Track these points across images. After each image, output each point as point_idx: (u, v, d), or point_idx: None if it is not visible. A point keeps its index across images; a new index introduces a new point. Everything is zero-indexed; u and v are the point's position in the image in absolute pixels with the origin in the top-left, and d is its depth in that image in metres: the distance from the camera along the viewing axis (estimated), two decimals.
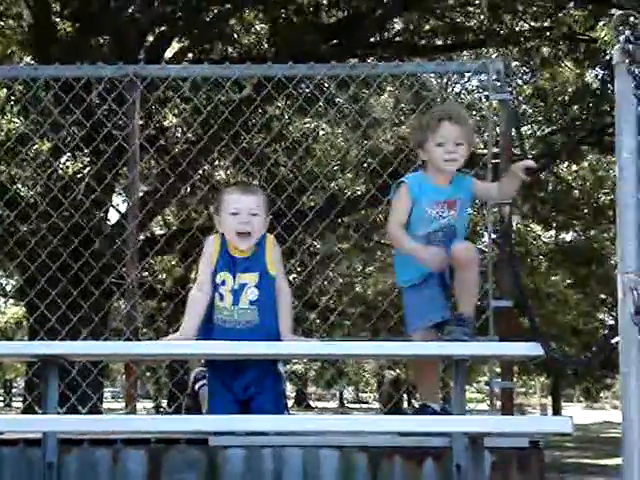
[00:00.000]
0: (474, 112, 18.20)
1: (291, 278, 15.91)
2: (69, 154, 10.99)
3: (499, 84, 5.31)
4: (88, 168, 10.59)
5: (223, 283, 4.45)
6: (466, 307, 4.25)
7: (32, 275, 6.11)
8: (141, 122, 6.89)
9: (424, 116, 4.58)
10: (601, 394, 55.01)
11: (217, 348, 4.18)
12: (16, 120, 12.09)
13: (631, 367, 2.92)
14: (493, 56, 14.12)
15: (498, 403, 5.31)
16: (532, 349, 3.88)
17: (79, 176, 10.84)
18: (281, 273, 4.53)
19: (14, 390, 53.03)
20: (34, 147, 10.26)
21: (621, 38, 2.72)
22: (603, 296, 25.10)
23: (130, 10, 12.37)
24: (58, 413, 4.45)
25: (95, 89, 6.00)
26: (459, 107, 4.68)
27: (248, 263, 4.47)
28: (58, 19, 12.75)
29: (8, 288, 20.04)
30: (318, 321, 15.96)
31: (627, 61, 2.71)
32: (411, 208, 4.42)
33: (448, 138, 4.36)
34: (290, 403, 50.17)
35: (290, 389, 52.85)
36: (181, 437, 4.53)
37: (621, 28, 2.82)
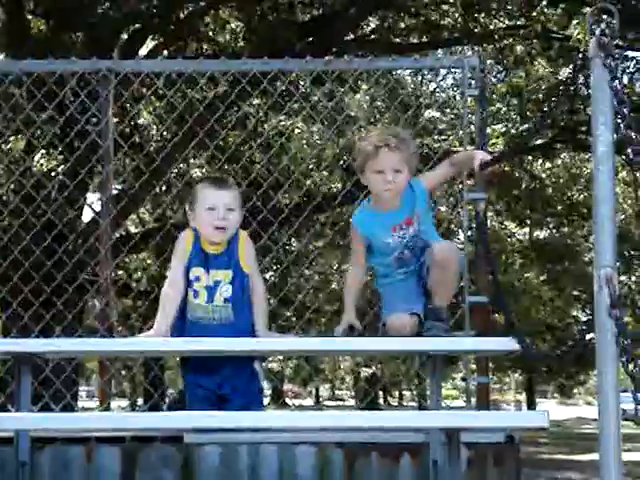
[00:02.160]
0: (448, 110, 18.27)
1: (267, 275, 15.90)
2: (43, 151, 10.90)
3: (474, 81, 5.31)
4: (62, 165, 10.51)
5: (197, 279, 4.42)
6: (442, 302, 4.22)
7: (4, 272, 6.05)
8: (115, 119, 6.85)
9: (364, 141, 4.40)
10: (575, 390, 55.43)
11: (192, 345, 4.15)
12: None
13: (607, 361, 2.92)
14: (468, 54, 14.18)
15: (473, 399, 5.32)
16: (508, 344, 3.88)
17: (53, 173, 10.75)
18: (255, 270, 4.50)
19: None
20: (7, 144, 10.18)
21: (597, 31, 2.72)
22: (576, 292, 25.29)
23: (103, 7, 12.29)
24: (31, 411, 4.40)
25: (68, 85, 5.93)
26: (400, 131, 4.51)
27: (221, 259, 4.44)
28: (31, 16, 12.65)
29: None
30: (294, 318, 15.97)
31: (602, 54, 2.71)
32: (369, 244, 4.37)
33: (386, 166, 4.23)
34: (266, 401, 50.13)
35: (266, 387, 52.80)
36: (156, 435, 4.51)
37: (596, 21, 2.82)
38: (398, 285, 4.34)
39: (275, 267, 15.18)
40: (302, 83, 11.40)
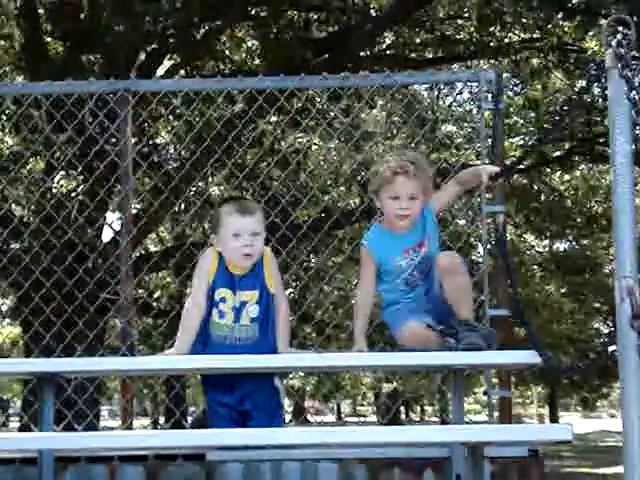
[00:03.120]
0: (465, 124, 18.27)
1: (286, 292, 15.90)
2: (62, 172, 10.98)
3: (491, 94, 5.32)
4: (81, 186, 10.57)
5: (223, 300, 4.41)
6: (466, 312, 4.13)
7: (26, 293, 6.09)
8: (134, 139, 6.89)
9: (381, 165, 4.39)
10: (598, 403, 55.02)
11: (213, 362, 4.15)
12: (8, 139, 12.08)
13: (630, 372, 2.91)
14: (484, 67, 14.19)
15: (496, 413, 5.29)
16: (529, 357, 3.87)
17: (72, 194, 10.82)
18: (280, 288, 4.50)
19: (10, 411, 52.81)
20: (27, 166, 10.25)
21: (613, 42, 2.72)
22: (597, 305, 25.14)
23: (120, 28, 12.37)
24: (54, 431, 4.42)
25: (86, 105, 5.98)
26: (417, 156, 4.46)
27: (248, 280, 4.43)
28: (49, 38, 12.76)
29: (3, 308, 19.97)
30: (314, 334, 15.95)
31: (619, 65, 2.71)
32: (379, 266, 4.35)
33: (402, 193, 4.24)
34: (288, 417, 50.00)
35: (287, 403, 52.71)
36: (178, 453, 4.51)
37: (612, 33, 2.82)
38: (405, 307, 4.30)
39: (295, 283, 15.18)
40: (318, 100, 11.43)
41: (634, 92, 2.81)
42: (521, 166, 16.41)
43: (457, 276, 4.11)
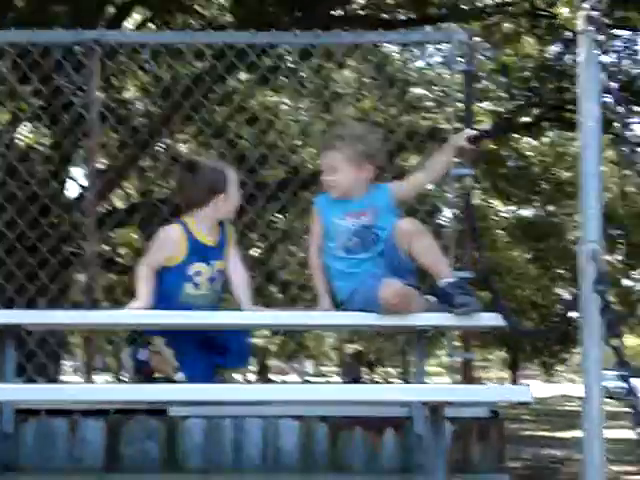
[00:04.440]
0: (435, 87, 18.22)
1: (253, 252, 15.87)
2: (27, 124, 10.83)
3: (462, 56, 5.30)
4: (47, 139, 10.44)
5: (198, 273, 4.43)
6: (447, 271, 4.07)
7: None
8: (101, 93, 6.80)
9: None
10: (558, 368, 55.73)
11: (180, 318, 4.14)
12: None
13: (592, 337, 2.93)
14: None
15: (457, 376, 5.34)
16: (494, 320, 3.89)
17: (37, 147, 10.69)
18: (238, 251, 4.58)
19: None
20: None
21: (586, 5, 2.71)
22: (561, 271, 25.38)
23: None
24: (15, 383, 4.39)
25: (53, 56, 5.87)
26: (348, 129, 4.44)
27: (218, 250, 4.47)
28: None
29: None
30: (279, 295, 15.94)
31: (592, 28, 2.70)
32: (324, 227, 4.33)
33: (324, 167, 4.32)
34: (251, 377, 50.22)
35: (251, 362, 52.85)
36: (139, 407, 4.51)
37: None
38: (358, 267, 4.23)
39: (261, 243, 15.14)
40: (289, 58, 11.33)
41: (605, 56, 2.80)
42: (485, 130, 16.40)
43: (425, 236, 4.07)
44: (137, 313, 4.26)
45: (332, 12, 14.14)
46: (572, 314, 3.70)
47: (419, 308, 4.01)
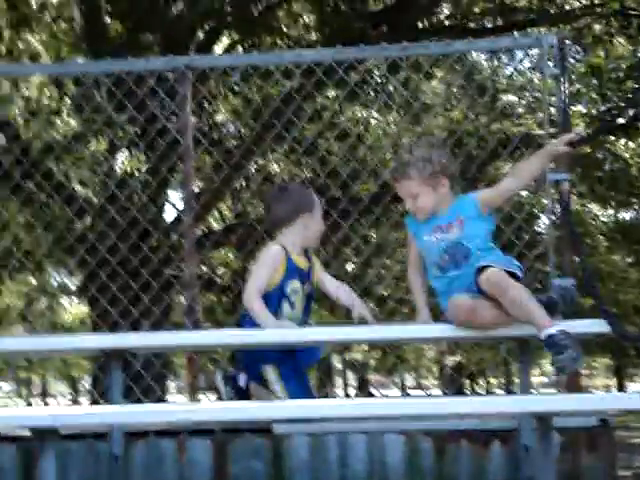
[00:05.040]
0: (526, 93, 18.00)
1: (348, 267, 15.88)
2: (124, 151, 11.09)
3: (552, 60, 5.22)
4: (143, 164, 10.67)
5: (295, 292, 4.55)
6: (536, 321, 3.87)
7: (93, 271, 6.17)
8: (194, 117, 6.93)
9: None
10: None
11: (282, 336, 4.20)
12: (70, 120, 12.21)
13: None
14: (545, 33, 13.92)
15: (562, 385, 5.24)
16: (598, 326, 3.82)
17: (135, 173, 10.93)
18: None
19: (80, 389, 53.78)
20: (90, 146, 10.36)
21: None
22: None
23: (178, 6, 12.41)
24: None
25: (146, 84, 6.00)
26: (410, 154, 4.38)
27: (307, 275, 4.62)
28: (108, 19, 12.85)
29: (72, 287, 20.27)
30: (376, 309, 15.92)
31: None
32: (418, 244, 4.34)
33: (403, 195, 4.31)
34: (352, 391, 50.24)
35: (352, 377, 52.92)
36: (245, 427, 4.55)
37: None
38: (449, 286, 4.18)
39: (355, 258, 15.15)
40: (377, 72, 11.34)
41: None
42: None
43: (504, 294, 3.90)
44: (238, 333, 4.32)
45: (418, 24, 14.11)
46: None
47: (495, 316, 3.95)
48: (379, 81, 11.17)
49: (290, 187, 4.82)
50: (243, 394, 4.55)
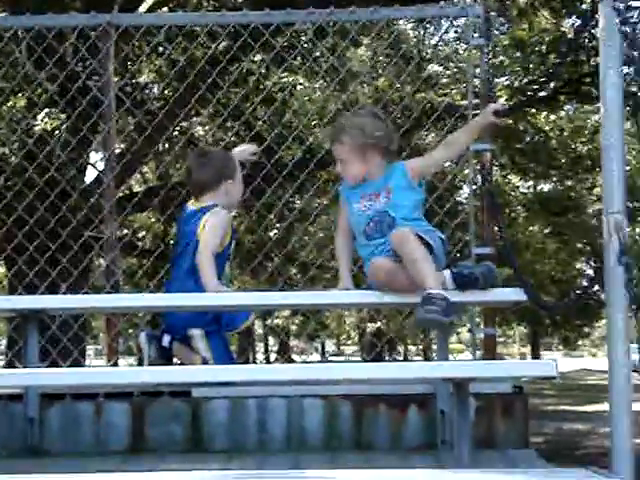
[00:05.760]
0: (451, 63, 18.12)
1: (271, 233, 15.89)
2: (44, 109, 10.84)
3: (477, 31, 5.26)
4: (64, 124, 10.45)
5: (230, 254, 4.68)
6: (427, 280, 3.88)
7: (9, 230, 6.04)
8: (116, 77, 6.80)
9: None
10: (579, 342, 55.68)
11: (205, 300, 4.18)
12: None
13: (616, 309, 2.91)
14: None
15: (479, 352, 5.33)
16: (516, 295, 3.88)
17: (55, 132, 10.69)
18: None
19: None
20: (8, 102, 10.10)
21: None
22: (581, 245, 25.28)
23: None
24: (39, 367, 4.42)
25: (68, 40, 5.87)
26: (349, 120, 4.43)
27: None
28: None
29: None
30: (298, 275, 15.96)
31: None
32: (348, 212, 4.36)
33: (336, 158, 4.34)
34: (273, 357, 50.43)
35: (272, 342, 53.07)
36: (164, 390, 4.53)
37: None
38: (373, 254, 4.19)
39: (279, 224, 15.16)
40: (304, 38, 11.28)
41: (626, 26, 2.76)
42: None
43: (406, 254, 3.94)
44: (157, 296, 4.29)
45: None
46: (593, 287, 3.68)
47: (412, 280, 3.98)
48: (306, 46, 11.10)
49: (211, 153, 4.81)
50: (166, 353, 4.53)
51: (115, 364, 5.57)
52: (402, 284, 4.01)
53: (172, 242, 14.16)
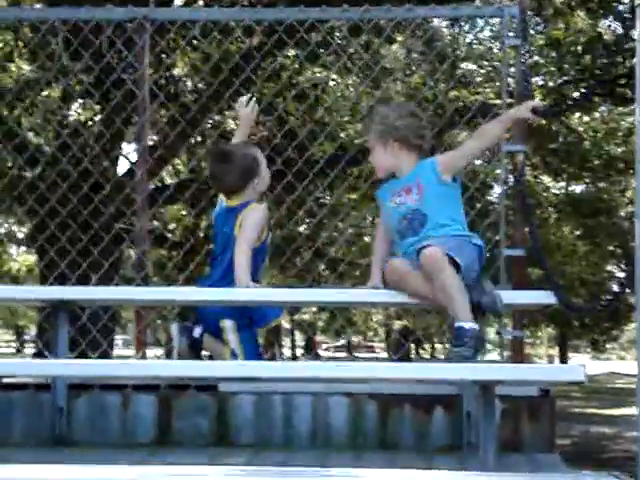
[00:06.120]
0: (486, 62, 18.03)
1: (301, 228, 15.89)
2: (79, 100, 10.92)
3: (513, 31, 5.22)
4: (98, 115, 10.52)
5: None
6: (455, 313, 3.90)
7: (42, 221, 6.09)
8: (151, 70, 6.83)
9: None
10: (608, 345, 55.26)
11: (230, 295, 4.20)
12: (24, 66, 11.99)
13: None
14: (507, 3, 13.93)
15: (506, 353, 5.30)
16: (546, 297, 3.86)
17: (89, 123, 10.77)
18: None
19: (26, 337, 53.41)
20: (43, 93, 10.18)
21: None
22: (612, 248, 25.07)
23: None
24: (68, 358, 4.46)
25: (104, 33, 5.91)
26: (379, 110, 4.47)
27: None
28: None
29: (20, 236, 20.02)
30: (327, 271, 15.95)
31: None
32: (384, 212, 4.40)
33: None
34: (299, 352, 50.53)
35: (299, 338, 53.22)
36: (191, 383, 4.55)
37: None
38: (405, 252, 4.19)
39: (309, 220, 15.16)
40: (338, 34, 11.26)
41: None
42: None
43: (436, 277, 3.92)
44: (186, 289, 4.32)
45: None
46: (625, 291, 3.66)
47: (419, 291, 4.02)
48: (340, 42, 11.09)
49: (232, 155, 4.74)
50: (196, 345, 4.55)
51: (143, 356, 5.60)
52: (413, 291, 4.02)
53: (203, 235, 14.22)
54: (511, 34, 5.23)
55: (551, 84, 16.71)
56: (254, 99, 5.08)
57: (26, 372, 3.92)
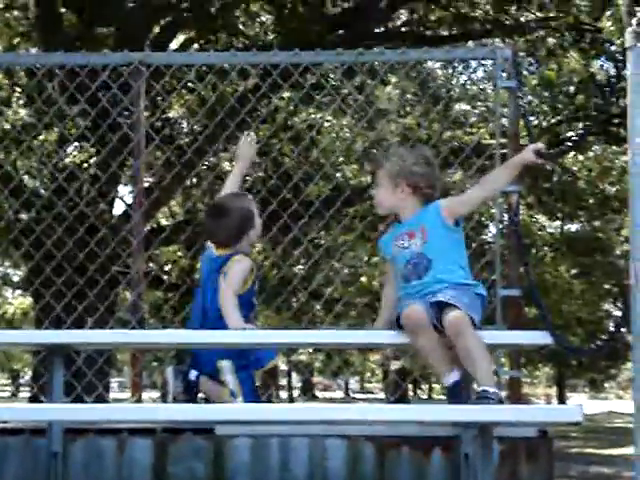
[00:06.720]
0: (479, 103, 18.16)
1: (296, 269, 15.89)
2: (75, 144, 10.97)
3: (506, 72, 5.27)
4: (94, 158, 10.56)
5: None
6: (479, 377, 3.83)
7: (38, 265, 6.09)
8: (146, 113, 6.87)
9: None
10: (606, 384, 55.06)
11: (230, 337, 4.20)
12: (21, 110, 12.06)
13: None
14: (499, 46, 14.06)
15: (504, 393, 5.28)
16: (542, 338, 3.85)
17: (85, 166, 10.81)
18: None
19: (21, 381, 53.12)
20: (39, 137, 10.22)
21: (633, 21, 2.68)
22: (608, 286, 25.07)
23: (134, 0, 12.31)
24: (63, 402, 4.43)
25: (100, 77, 5.94)
26: (396, 150, 4.49)
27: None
28: (63, 9, 12.69)
29: (15, 279, 20.00)
30: (323, 312, 15.94)
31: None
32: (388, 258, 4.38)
33: (375, 183, 4.40)
34: (296, 393, 50.26)
35: (296, 379, 52.97)
36: (187, 427, 4.53)
37: (629, 12, 2.78)
38: (410, 295, 4.16)
39: (304, 260, 15.18)
40: (332, 76, 11.36)
41: None
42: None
43: (461, 340, 3.87)
44: (183, 332, 4.31)
45: (374, 29, 14.16)
46: (621, 330, 3.65)
47: (431, 354, 3.98)
48: (334, 84, 11.19)
49: (228, 209, 4.73)
50: (192, 389, 4.53)
51: (139, 399, 5.57)
52: (423, 344, 3.99)
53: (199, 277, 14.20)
54: (504, 75, 5.27)
55: (544, 124, 16.83)
56: (253, 135, 5.11)
57: (22, 417, 3.90)
